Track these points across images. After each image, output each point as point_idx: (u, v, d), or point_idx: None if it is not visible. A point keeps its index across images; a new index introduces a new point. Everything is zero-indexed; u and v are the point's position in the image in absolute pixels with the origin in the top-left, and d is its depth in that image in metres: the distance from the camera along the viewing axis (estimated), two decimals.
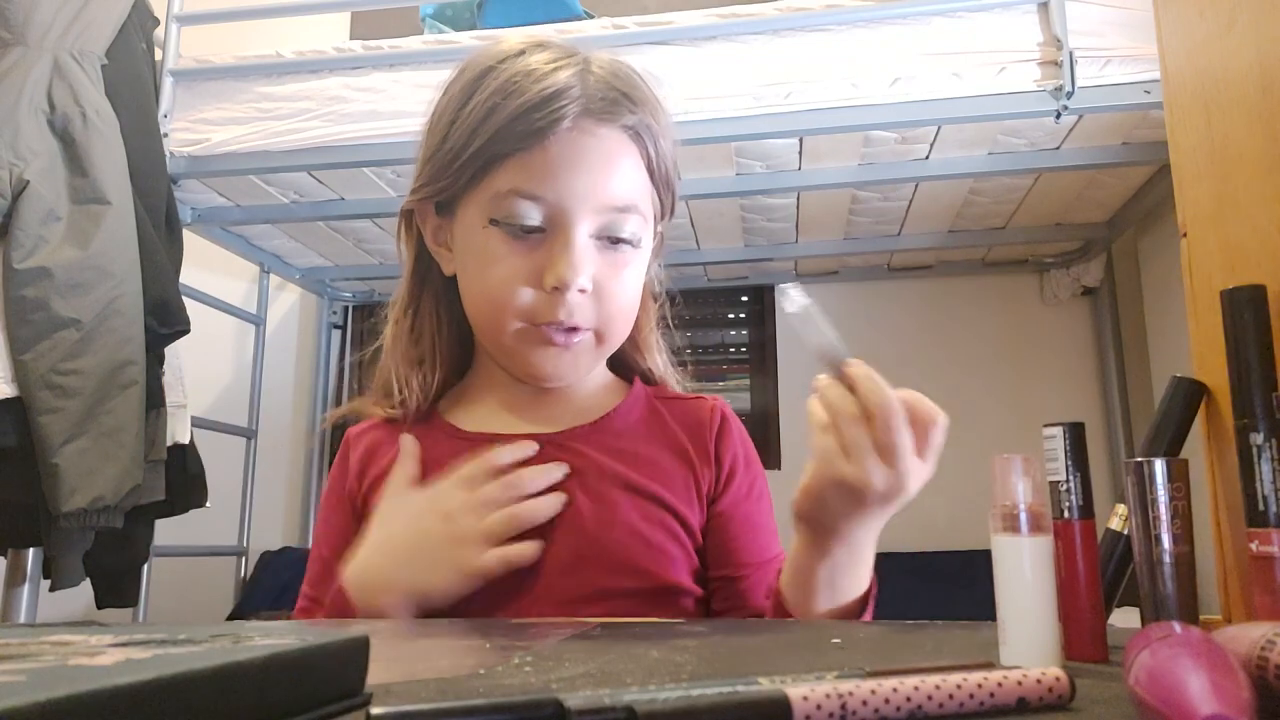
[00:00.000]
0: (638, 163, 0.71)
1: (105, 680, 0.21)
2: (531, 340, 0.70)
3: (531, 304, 0.69)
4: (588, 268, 0.68)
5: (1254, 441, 0.49)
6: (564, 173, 0.67)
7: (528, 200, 0.68)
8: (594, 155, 0.68)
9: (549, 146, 0.67)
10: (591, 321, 0.70)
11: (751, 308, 2.94)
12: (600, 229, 0.69)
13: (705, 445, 0.73)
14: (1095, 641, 0.41)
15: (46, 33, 1.67)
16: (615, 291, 0.70)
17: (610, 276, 0.70)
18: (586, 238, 0.69)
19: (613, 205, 0.69)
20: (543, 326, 0.69)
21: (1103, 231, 2.45)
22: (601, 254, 0.70)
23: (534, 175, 0.68)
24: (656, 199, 0.74)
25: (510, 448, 0.69)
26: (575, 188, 0.68)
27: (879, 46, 1.75)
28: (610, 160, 0.69)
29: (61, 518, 1.48)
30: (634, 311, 0.74)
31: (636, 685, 0.32)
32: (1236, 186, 0.62)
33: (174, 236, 1.84)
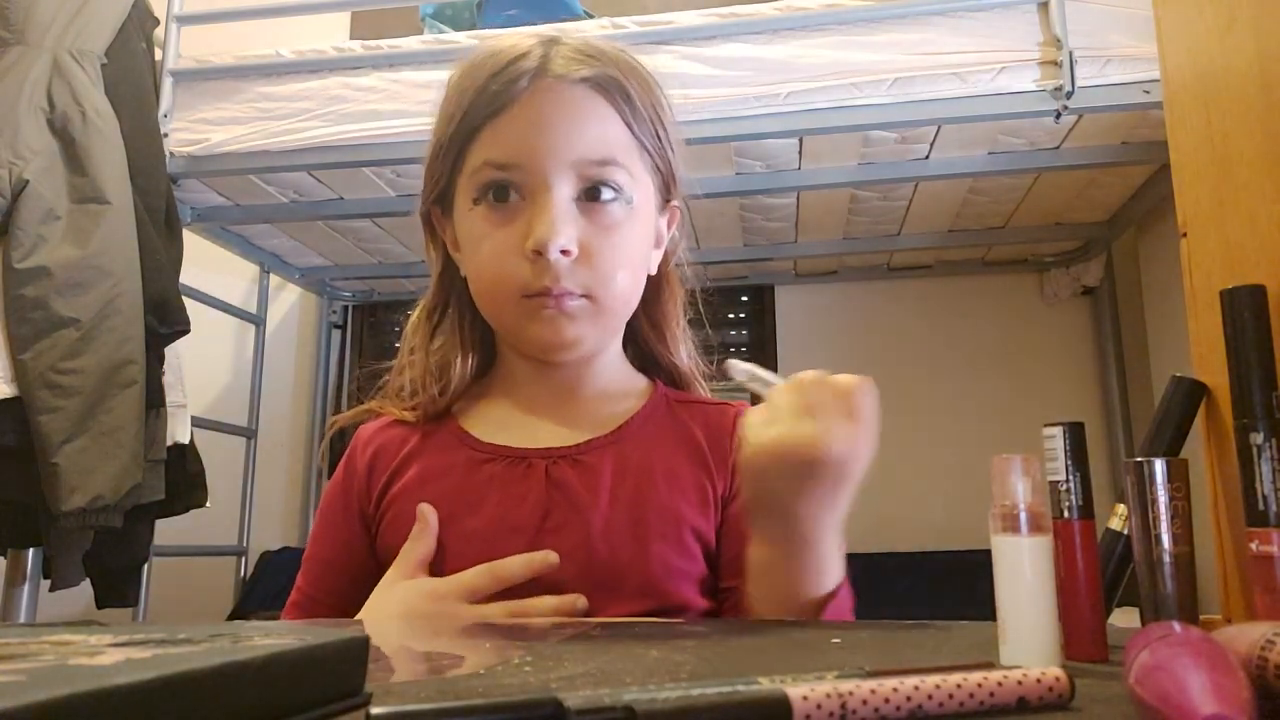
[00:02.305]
0: (610, 114, 0.69)
1: (105, 680, 0.21)
2: (528, 313, 0.68)
3: (520, 274, 0.67)
4: (567, 228, 0.66)
5: (1254, 441, 0.49)
6: (529, 134, 0.67)
7: (499, 169, 0.68)
8: (558, 111, 0.67)
9: (512, 112, 0.67)
10: (581, 285, 0.67)
11: (751, 308, 2.94)
12: (580, 187, 0.67)
13: (722, 452, 0.71)
14: (1095, 641, 0.40)
15: (46, 32, 1.67)
16: (604, 252, 0.67)
17: (597, 236, 0.67)
18: (566, 198, 0.67)
19: (586, 158, 0.67)
20: (537, 297, 0.67)
21: (1103, 231, 2.45)
22: (587, 215, 0.68)
23: (500, 143, 0.68)
24: (646, 156, 0.71)
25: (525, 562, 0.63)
26: (542, 146, 0.66)
27: (879, 46, 1.74)
28: (576, 113, 0.68)
29: (61, 517, 1.48)
30: (634, 276, 0.72)
31: (636, 685, 0.32)
32: (1236, 186, 0.62)
33: (174, 236, 1.84)
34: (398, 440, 0.74)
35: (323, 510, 0.76)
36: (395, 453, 0.73)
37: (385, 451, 0.74)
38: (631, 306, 0.74)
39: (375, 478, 0.73)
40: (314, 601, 0.73)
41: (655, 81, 0.74)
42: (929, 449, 2.61)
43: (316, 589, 0.73)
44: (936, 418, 2.63)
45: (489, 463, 0.69)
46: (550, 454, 0.69)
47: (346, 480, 0.75)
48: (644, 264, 0.73)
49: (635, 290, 0.73)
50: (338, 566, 0.73)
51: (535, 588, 0.63)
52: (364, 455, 0.75)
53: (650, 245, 0.74)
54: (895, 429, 2.81)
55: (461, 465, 0.70)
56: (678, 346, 0.78)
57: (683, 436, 0.72)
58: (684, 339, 0.79)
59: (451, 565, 0.65)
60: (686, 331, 0.80)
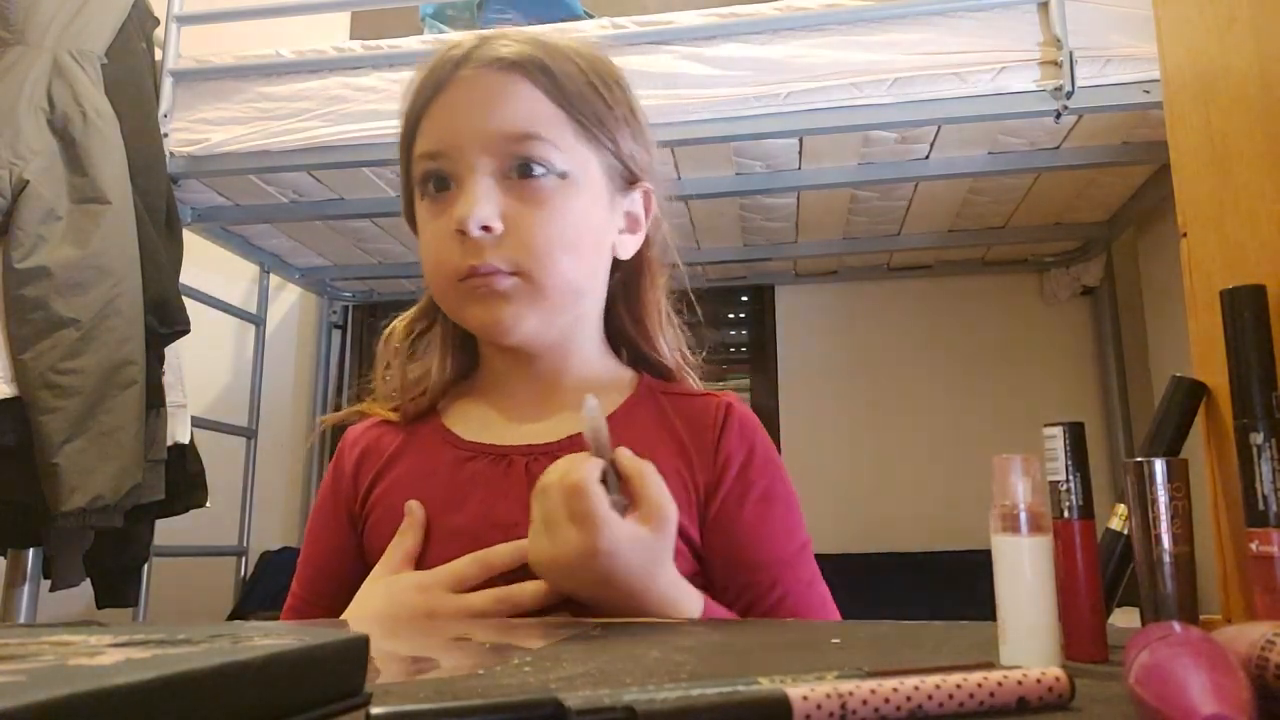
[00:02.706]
0: (529, 91, 0.69)
1: (105, 680, 0.21)
2: (464, 296, 0.68)
3: (450, 256, 0.68)
4: (485, 205, 0.66)
5: (1254, 441, 0.49)
6: (450, 120, 0.69)
7: (430, 160, 0.69)
8: (475, 96, 0.69)
9: (438, 103, 0.69)
10: (509, 262, 0.66)
11: (751, 308, 2.94)
12: (502, 164, 0.68)
13: (706, 444, 0.70)
14: (1095, 641, 0.40)
15: (46, 32, 1.67)
16: (532, 226, 0.67)
17: (525, 212, 0.67)
18: (487, 176, 0.67)
19: (503, 135, 0.67)
20: (470, 280, 0.67)
21: (1103, 231, 2.45)
22: (515, 191, 0.67)
23: (429, 135, 0.70)
24: (582, 131, 0.70)
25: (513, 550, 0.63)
26: (463, 130, 0.68)
27: (879, 46, 1.74)
28: (492, 94, 0.68)
29: (61, 517, 1.48)
30: (581, 256, 0.70)
31: (636, 685, 0.32)
32: (1236, 186, 0.62)
33: (174, 236, 1.84)
34: (383, 440, 0.74)
35: (314, 514, 0.76)
36: (381, 453, 0.73)
37: (371, 452, 0.74)
38: (582, 288, 0.71)
39: (361, 478, 0.73)
40: (308, 605, 0.73)
41: (607, 64, 0.74)
42: (929, 449, 2.61)
43: (310, 592, 0.73)
44: (936, 418, 2.63)
45: (471, 460, 0.69)
46: (531, 450, 0.69)
47: (335, 482, 0.75)
48: (595, 244, 0.72)
49: (585, 272, 0.71)
50: (330, 570, 0.73)
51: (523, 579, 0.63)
52: (350, 456, 0.75)
53: (603, 225, 0.72)
54: (895, 429, 2.84)
55: (445, 464, 0.70)
56: (657, 336, 0.77)
57: (665, 430, 0.71)
58: (667, 328, 0.77)
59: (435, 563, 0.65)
60: (672, 320, 0.79)
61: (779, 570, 0.68)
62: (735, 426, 0.72)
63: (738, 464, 0.70)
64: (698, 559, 0.68)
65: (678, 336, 0.79)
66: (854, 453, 2.66)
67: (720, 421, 0.71)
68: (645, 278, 0.76)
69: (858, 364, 2.75)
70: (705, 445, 0.70)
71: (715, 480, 0.69)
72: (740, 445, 0.71)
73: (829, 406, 2.72)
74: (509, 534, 0.64)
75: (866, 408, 2.70)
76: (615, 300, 0.77)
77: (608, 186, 0.72)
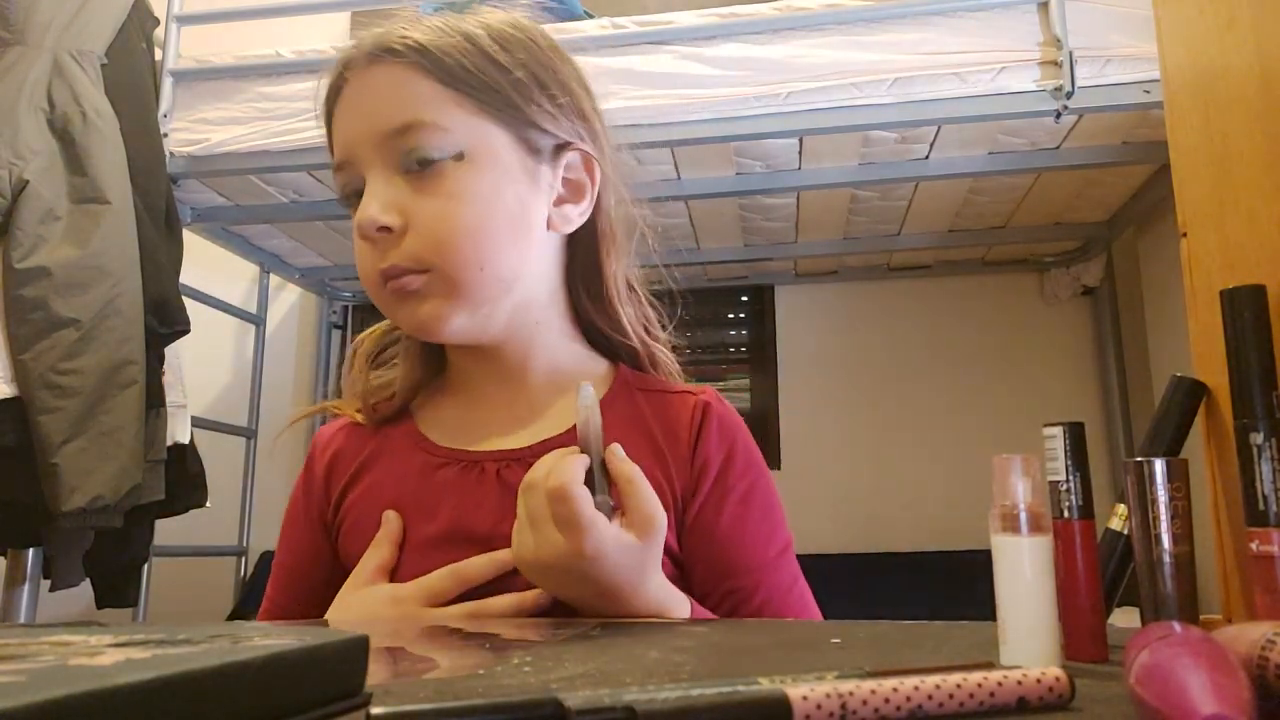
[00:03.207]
0: (406, 77, 0.65)
1: (105, 680, 0.21)
2: (387, 302, 0.67)
3: (364, 263, 0.66)
4: (373, 205, 0.63)
5: (1254, 441, 0.49)
6: (343, 130, 0.67)
7: (339, 173, 0.68)
8: (357, 100, 0.67)
9: (335, 115, 0.68)
10: (413, 259, 0.63)
11: (751, 308, 2.94)
12: (392, 159, 0.65)
13: (682, 447, 0.67)
14: (1095, 641, 0.40)
15: (46, 32, 1.67)
16: (431, 217, 0.64)
17: (422, 204, 0.64)
18: (381, 176, 0.65)
19: (387, 131, 0.64)
20: (388, 285, 0.65)
21: (1103, 231, 2.45)
22: (415, 185, 0.64)
23: (335, 148, 0.68)
24: (472, 103, 0.66)
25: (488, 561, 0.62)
26: (351, 136, 0.66)
27: (879, 46, 1.75)
28: (370, 92, 0.66)
29: (61, 517, 1.48)
30: (492, 237, 0.65)
31: (636, 685, 0.32)
32: (1236, 186, 0.62)
33: (174, 236, 1.84)
34: (355, 444, 0.72)
35: (287, 516, 0.74)
36: (353, 457, 0.71)
37: (343, 456, 0.72)
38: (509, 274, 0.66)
39: (333, 485, 0.71)
40: (283, 610, 0.71)
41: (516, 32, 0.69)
42: (929, 449, 2.61)
43: (285, 596, 0.72)
44: (936, 418, 2.63)
45: (443, 467, 0.67)
46: (503, 456, 0.67)
47: (306, 486, 0.73)
48: (514, 223, 0.66)
49: (506, 255, 0.66)
50: (302, 572, 0.71)
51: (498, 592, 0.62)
52: (322, 460, 0.73)
53: (521, 199, 0.67)
54: (895, 429, 2.83)
55: (416, 470, 0.68)
56: (618, 312, 0.72)
57: (640, 429, 0.68)
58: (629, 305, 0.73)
59: (408, 572, 0.64)
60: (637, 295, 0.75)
61: (759, 575, 0.66)
62: (713, 428, 0.69)
63: (716, 467, 0.67)
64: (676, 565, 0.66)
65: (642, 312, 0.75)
66: (854, 453, 2.66)
67: (698, 423, 0.68)
68: (600, 248, 0.71)
69: (858, 364, 2.75)
70: (682, 449, 0.68)
71: (693, 486, 0.67)
72: (719, 447, 0.68)
73: (829, 406, 2.72)
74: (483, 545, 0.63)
75: (866, 408, 2.70)
76: (574, 278, 0.72)
77: (522, 159, 0.67)
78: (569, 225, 0.70)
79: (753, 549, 0.67)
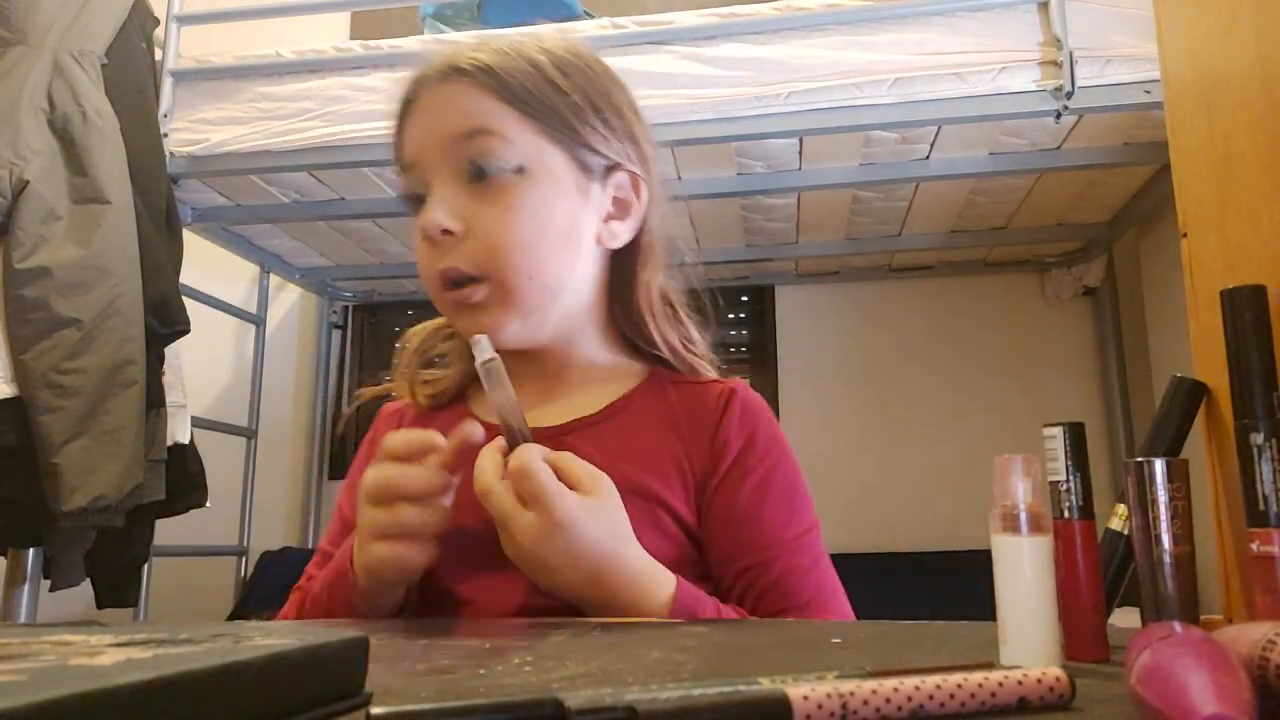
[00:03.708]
0: (471, 90, 0.70)
1: (105, 680, 0.21)
2: (449, 308, 0.71)
3: (425, 263, 0.70)
4: (438, 208, 0.68)
5: (1254, 441, 0.49)
6: (412, 133, 0.72)
7: (404, 176, 0.73)
8: (428, 108, 0.72)
9: (405, 124, 0.73)
10: (475, 266, 0.68)
11: (751, 308, 2.94)
12: (456, 166, 0.69)
13: (704, 430, 0.71)
14: (1095, 641, 0.40)
15: (47, 32, 1.67)
16: (489, 224, 0.68)
17: (482, 211, 0.68)
18: (446, 182, 0.69)
19: (453, 137, 0.69)
20: (444, 290, 0.69)
21: (1104, 231, 2.45)
22: (476, 193, 0.69)
23: (401, 153, 0.73)
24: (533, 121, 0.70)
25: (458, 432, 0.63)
26: (420, 143, 0.71)
27: (879, 46, 1.74)
28: (439, 101, 0.71)
29: (62, 517, 1.48)
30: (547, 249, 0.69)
31: (637, 685, 0.32)
32: (1237, 186, 0.62)
33: (174, 236, 1.84)
34: (416, 421, 0.77)
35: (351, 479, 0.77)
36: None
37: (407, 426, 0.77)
38: (559, 282, 0.71)
39: None
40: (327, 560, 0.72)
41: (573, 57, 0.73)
42: (929, 449, 2.61)
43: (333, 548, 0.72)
44: (937, 418, 2.63)
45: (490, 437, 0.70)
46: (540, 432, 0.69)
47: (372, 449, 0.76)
48: (565, 236, 0.71)
49: (556, 265, 0.70)
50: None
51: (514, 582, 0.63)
52: (387, 427, 0.77)
53: (573, 215, 0.71)
54: (896, 429, 2.83)
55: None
56: (647, 322, 0.76)
57: (664, 416, 0.72)
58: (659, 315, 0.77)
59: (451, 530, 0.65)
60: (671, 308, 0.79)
61: (775, 551, 0.68)
62: (736, 413, 0.72)
63: (735, 450, 0.70)
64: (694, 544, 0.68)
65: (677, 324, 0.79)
66: (854, 453, 2.66)
67: (721, 408, 0.72)
68: (636, 262, 0.75)
69: (858, 364, 2.75)
70: (703, 431, 0.71)
71: (711, 465, 0.70)
72: (740, 431, 0.71)
73: (829, 407, 2.72)
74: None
75: (867, 408, 2.70)
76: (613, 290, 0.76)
77: (576, 176, 0.72)
78: (615, 241, 0.74)
79: (770, 528, 0.69)
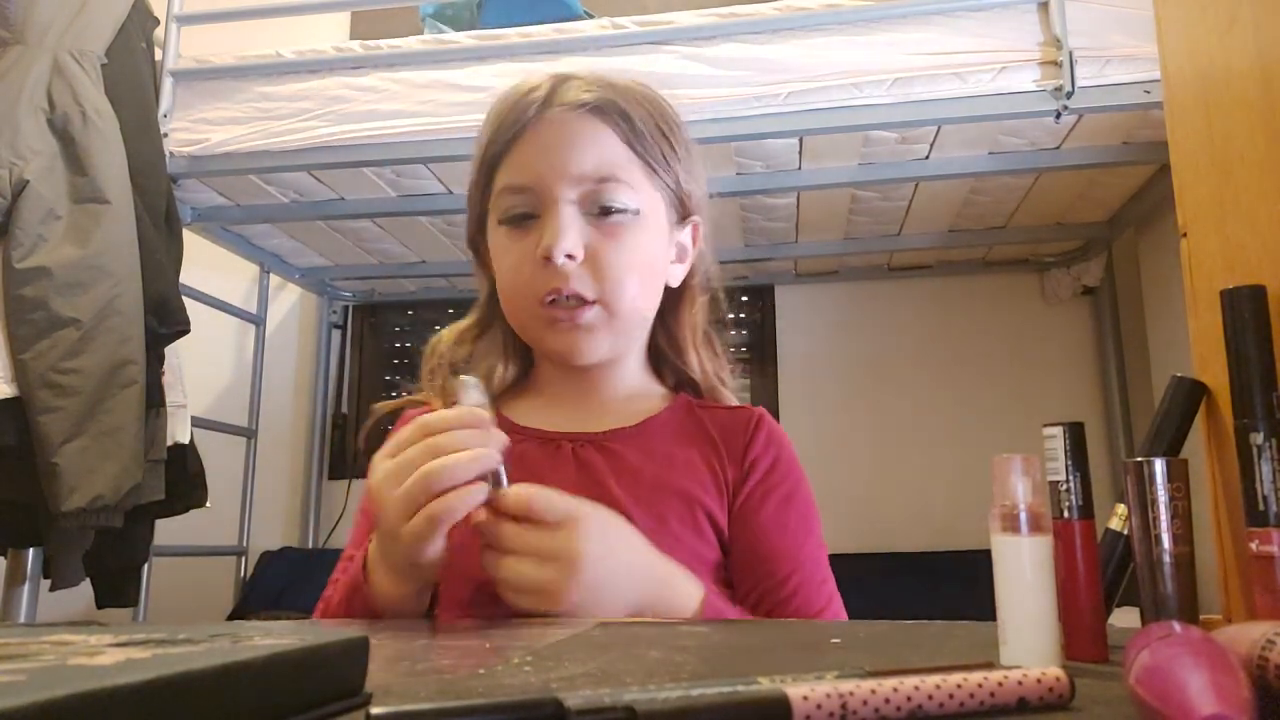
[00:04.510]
0: (608, 135, 0.75)
1: (105, 680, 0.21)
2: (544, 322, 0.75)
3: (533, 280, 0.73)
4: (571, 234, 0.72)
5: (1254, 441, 0.49)
6: (537, 157, 0.75)
7: (515, 193, 0.76)
8: (561, 135, 0.75)
9: (524, 140, 0.76)
10: (592, 291, 0.73)
11: (751, 308, 2.94)
12: (585, 201, 0.74)
13: (737, 445, 0.77)
14: (1095, 641, 0.40)
15: (46, 32, 1.67)
16: (611, 258, 0.73)
17: (604, 245, 0.74)
18: (571, 211, 0.73)
19: (587, 176, 0.74)
20: (549, 306, 0.73)
21: (1103, 231, 2.45)
22: (594, 225, 0.74)
23: (515, 168, 0.76)
24: (651, 173, 0.77)
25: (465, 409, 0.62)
26: (548, 166, 0.74)
27: (879, 46, 1.74)
28: (577, 136, 0.75)
29: (61, 517, 1.48)
30: (646, 284, 0.77)
31: (636, 685, 0.32)
32: (1237, 186, 0.62)
33: (174, 236, 1.84)
34: None
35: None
36: None
37: None
38: (646, 313, 0.79)
39: None
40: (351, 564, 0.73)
41: (667, 107, 0.81)
42: (929, 449, 2.61)
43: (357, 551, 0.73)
44: (937, 418, 2.63)
45: (521, 443, 0.73)
46: (578, 438, 0.76)
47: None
48: (657, 273, 0.78)
49: (648, 298, 0.78)
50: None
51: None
52: None
53: (664, 256, 0.79)
54: (895, 429, 2.83)
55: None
56: (688, 352, 0.83)
57: (700, 434, 0.78)
58: (703, 349, 0.84)
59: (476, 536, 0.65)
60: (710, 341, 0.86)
61: (794, 565, 0.73)
62: (764, 434, 0.78)
63: (764, 468, 0.76)
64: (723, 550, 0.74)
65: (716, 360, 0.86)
66: (854, 453, 2.66)
67: (752, 429, 0.78)
68: (684, 302, 0.83)
69: (858, 364, 2.75)
70: (736, 446, 0.77)
71: (742, 478, 0.76)
72: (767, 451, 0.77)
73: (829, 407, 2.72)
74: None
75: (867, 408, 2.69)
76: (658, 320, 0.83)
77: (670, 221, 0.80)
78: (676, 281, 0.82)
79: (791, 539, 0.75)
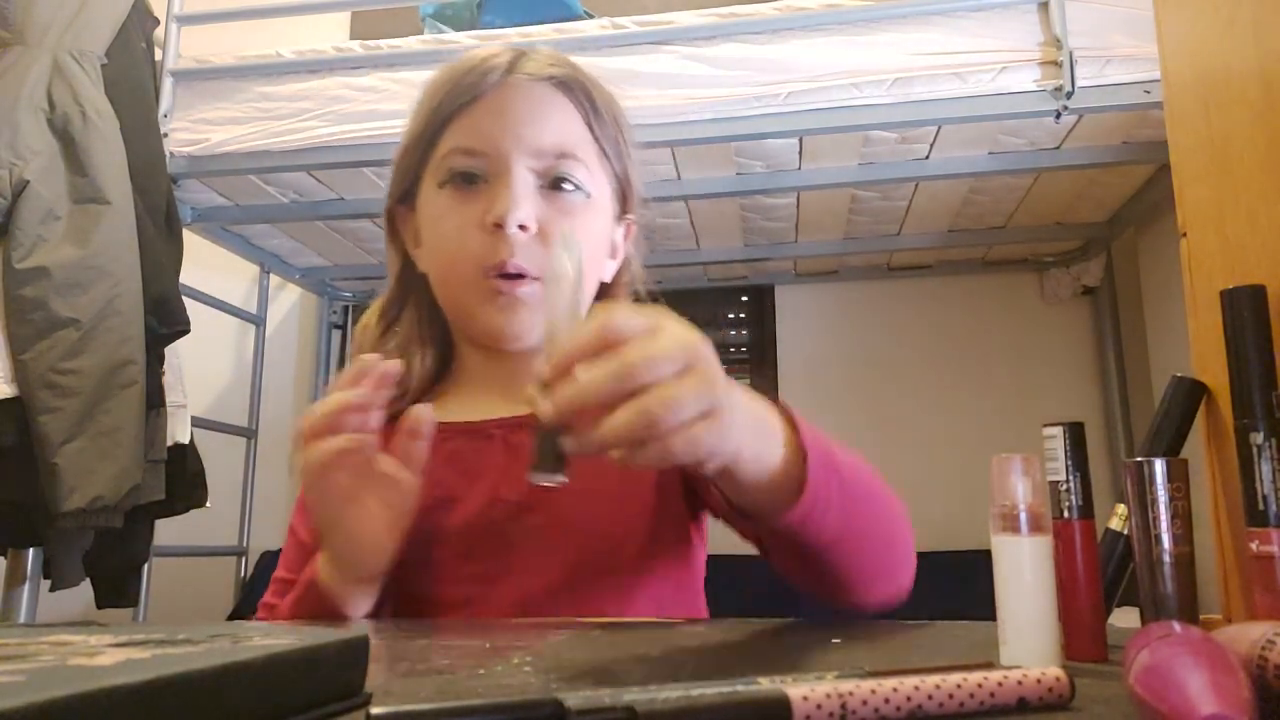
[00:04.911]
0: (570, 112, 0.73)
1: (105, 680, 0.21)
2: (483, 295, 0.70)
3: (478, 248, 0.69)
4: (525, 205, 0.69)
5: (1254, 441, 0.49)
6: (495, 120, 0.71)
7: (466, 155, 0.71)
8: (522, 103, 0.71)
9: (481, 103, 0.72)
10: (537, 266, 0.69)
11: (751, 308, 2.94)
12: (539, 173, 0.71)
13: None
14: (1095, 641, 0.41)
15: (46, 32, 1.67)
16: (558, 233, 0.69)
17: (554, 220, 0.70)
18: (527, 180, 0.70)
19: (546, 149, 0.71)
20: (492, 278, 0.69)
21: (1103, 231, 2.45)
22: (546, 198, 0.71)
23: (469, 130, 0.72)
24: (605, 159, 0.74)
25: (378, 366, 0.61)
26: (506, 132, 0.70)
27: (879, 46, 1.74)
28: (539, 106, 0.72)
29: (61, 517, 1.48)
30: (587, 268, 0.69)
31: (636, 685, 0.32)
32: (1236, 186, 0.62)
33: (174, 236, 1.84)
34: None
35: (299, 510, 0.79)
36: None
37: None
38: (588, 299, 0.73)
39: None
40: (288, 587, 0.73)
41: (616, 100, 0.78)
42: (929, 449, 2.61)
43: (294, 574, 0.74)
44: (936, 417, 2.63)
45: (449, 440, 0.69)
46: (507, 423, 0.71)
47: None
48: (598, 262, 0.75)
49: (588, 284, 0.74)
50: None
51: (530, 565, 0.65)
52: None
53: (606, 246, 0.76)
54: (895, 429, 2.82)
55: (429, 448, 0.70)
56: None
57: None
58: None
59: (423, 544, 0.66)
60: None
61: None
62: None
63: None
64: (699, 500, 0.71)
65: None
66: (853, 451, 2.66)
67: None
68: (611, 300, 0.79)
69: (858, 364, 2.75)
70: None
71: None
72: None
73: (829, 406, 2.72)
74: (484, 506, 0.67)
75: (866, 408, 2.69)
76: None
77: (613, 213, 0.76)
78: (608, 276, 0.78)
79: None
